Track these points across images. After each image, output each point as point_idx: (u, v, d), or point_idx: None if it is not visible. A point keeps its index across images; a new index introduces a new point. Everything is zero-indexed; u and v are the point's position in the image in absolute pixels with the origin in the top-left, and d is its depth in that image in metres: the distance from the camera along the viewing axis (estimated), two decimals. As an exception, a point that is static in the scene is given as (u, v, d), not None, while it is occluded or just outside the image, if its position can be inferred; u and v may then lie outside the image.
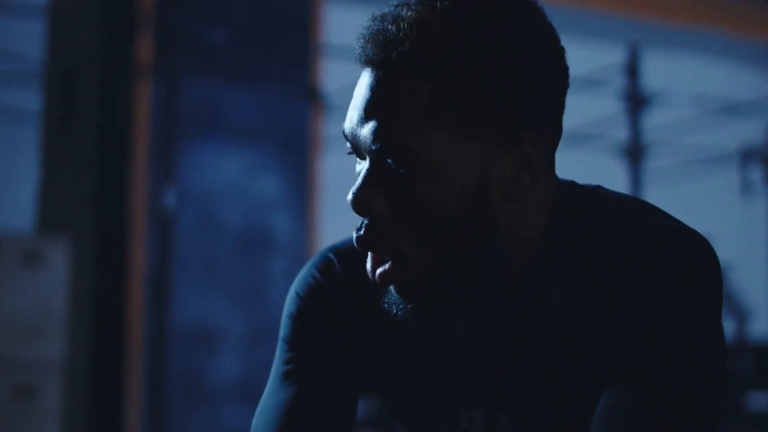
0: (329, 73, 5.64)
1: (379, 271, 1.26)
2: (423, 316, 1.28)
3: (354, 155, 1.29)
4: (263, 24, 5.56)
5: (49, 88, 5.56)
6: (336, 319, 1.41)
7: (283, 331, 1.44)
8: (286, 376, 1.39)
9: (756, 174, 6.59)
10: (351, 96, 1.27)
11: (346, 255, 1.41)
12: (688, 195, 6.63)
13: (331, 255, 1.44)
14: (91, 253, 5.26)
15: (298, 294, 1.43)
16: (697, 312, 1.23)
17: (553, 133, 1.28)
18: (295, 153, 5.60)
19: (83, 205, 5.34)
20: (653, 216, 1.29)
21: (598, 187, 1.36)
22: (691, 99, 6.15)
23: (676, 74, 6.59)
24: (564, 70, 1.29)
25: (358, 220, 1.26)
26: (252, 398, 5.35)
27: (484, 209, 1.24)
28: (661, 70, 6.12)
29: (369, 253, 1.28)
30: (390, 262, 1.25)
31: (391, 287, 1.27)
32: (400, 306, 1.27)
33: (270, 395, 1.40)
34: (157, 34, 5.01)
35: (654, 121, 5.87)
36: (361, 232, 1.26)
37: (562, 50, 1.28)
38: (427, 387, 1.39)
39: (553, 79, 1.27)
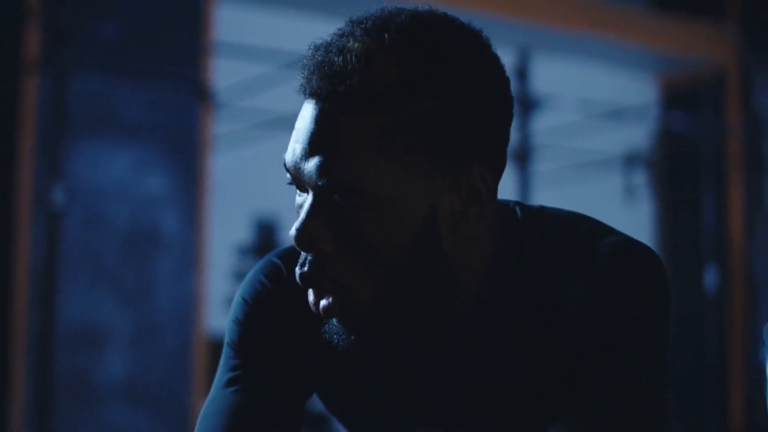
0: (220, 72, 5.61)
1: (323, 304, 1.23)
2: (366, 347, 1.25)
3: (294, 186, 1.25)
4: (154, 20, 5.52)
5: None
6: (283, 325, 1.38)
7: (228, 337, 1.41)
8: (232, 382, 1.37)
9: (639, 178, 6.74)
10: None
11: (293, 260, 1.35)
12: (573, 198, 6.70)
13: (278, 260, 1.41)
14: (-26, 249, 5.17)
15: (244, 299, 1.40)
16: (651, 320, 1.25)
17: (500, 164, 1.27)
18: (185, 151, 5.56)
19: (-33, 201, 5.25)
20: (601, 232, 1.30)
21: (543, 208, 1.36)
22: (578, 103, 6.24)
23: (564, 79, 6.69)
24: (509, 101, 1.28)
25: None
26: (138, 398, 5.31)
27: (432, 243, 1.22)
28: (548, 74, 6.20)
29: None
30: (332, 297, 1.23)
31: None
32: (342, 336, 1.25)
33: (214, 401, 1.37)
34: (45, 28, 4.94)
35: (542, 124, 5.94)
36: (305, 269, 1.23)
37: (507, 80, 1.28)
38: (378, 403, 1.38)
39: (499, 111, 1.26)
